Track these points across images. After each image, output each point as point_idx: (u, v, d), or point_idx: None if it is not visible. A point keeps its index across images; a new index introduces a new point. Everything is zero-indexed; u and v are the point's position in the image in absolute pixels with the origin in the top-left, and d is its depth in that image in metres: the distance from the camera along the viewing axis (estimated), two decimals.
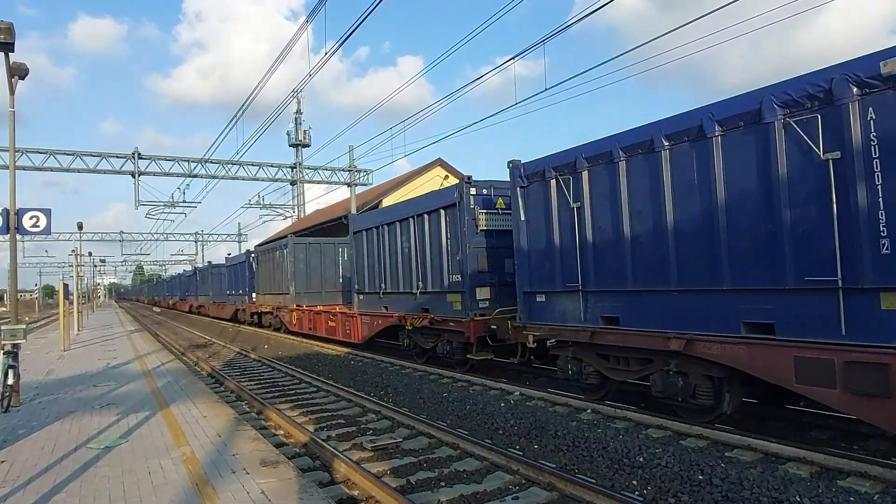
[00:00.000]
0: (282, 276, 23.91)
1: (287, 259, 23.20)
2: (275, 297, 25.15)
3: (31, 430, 7.61)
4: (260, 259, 27.68)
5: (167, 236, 62.43)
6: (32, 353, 17.54)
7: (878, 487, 5.52)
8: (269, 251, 26.37)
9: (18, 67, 9.56)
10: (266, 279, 26.48)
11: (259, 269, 27.65)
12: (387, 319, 15.45)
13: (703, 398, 7.64)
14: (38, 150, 27.84)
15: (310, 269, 23.40)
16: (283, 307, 23.61)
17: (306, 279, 23.31)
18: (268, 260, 26.20)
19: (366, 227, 16.99)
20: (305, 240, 24.43)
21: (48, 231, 10.34)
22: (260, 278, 27.45)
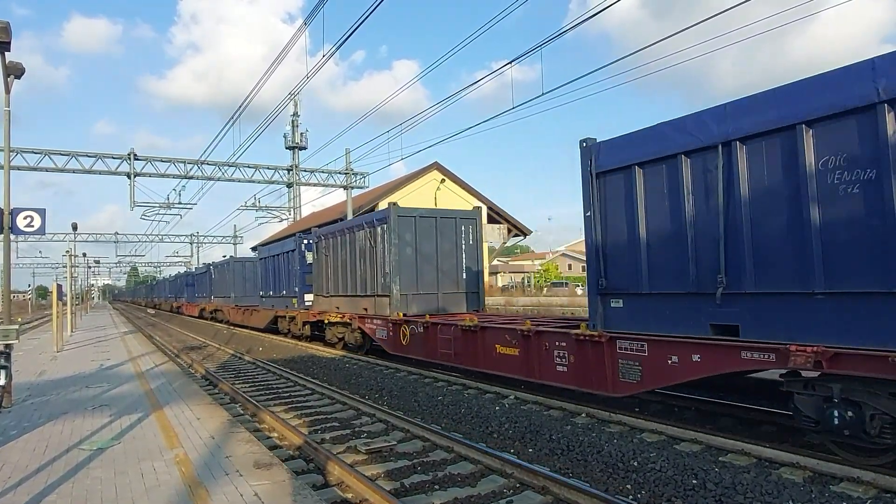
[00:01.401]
0: (373, 269, 16.25)
1: (384, 241, 15.35)
2: (355, 300, 17.47)
3: (22, 432, 7.56)
4: (327, 243, 19.38)
5: (162, 238, 62.35)
6: (25, 354, 17.44)
7: (870, 493, 5.54)
8: (345, 231, 18.21)
9: (14, 67, 9.54)
10: (338, 273, 18.73)
11: (324, 259, 19.85)
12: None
13: None
14: (32, 150, 27.76)
15: (421, 257, 15.59)
16: (377, 317, 15.82)
17: (415, 273, 15.53)
18: (342, 244, 18.26)
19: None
20: (414, 210, 16.08)
21: (42, 231, 10.30)
22: (325, 272, 19.69)
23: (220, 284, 36.83)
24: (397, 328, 14.58)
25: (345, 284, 17.99)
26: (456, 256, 16.12)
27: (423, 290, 15.56)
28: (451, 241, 16.11)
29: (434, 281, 15.67)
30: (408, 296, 15.24)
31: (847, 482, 5.78)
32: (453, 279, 16.06)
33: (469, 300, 16.14)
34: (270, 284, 25.87)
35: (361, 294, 16.88)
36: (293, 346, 20.52)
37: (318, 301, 20.22)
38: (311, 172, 33.89)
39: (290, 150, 64.64)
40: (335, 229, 18.95)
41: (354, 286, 17.31)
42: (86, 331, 28.80)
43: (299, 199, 46.98)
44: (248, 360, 17.66)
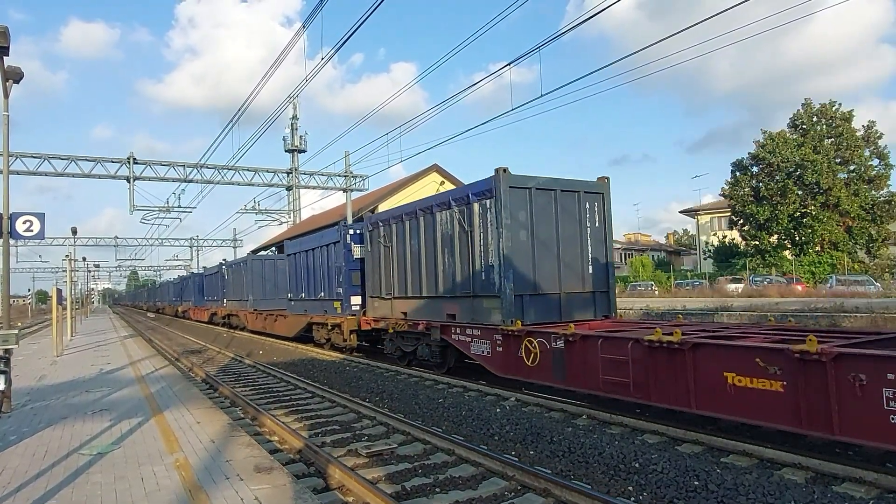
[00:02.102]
0: (467, 262, 12.35)
1: (488, 223, 11.60)
2: (434, 303, 13.54)
3: (22, 437, 7.54)
4: (387, 231, 15.54)
5: (162, 242, 62.34)
6: (25, 359, 17.42)
7: (873, 493, 5.52)
8: (418, 213, 14.10)
9: (13, 71, 9.53)
10: (405, 269, 14.70)
11: (381, 252, 15.78)
12: None
13: None
14: (32, 154, 27.78)
15: (539, 244, 11.74)
16: (474, 325, 12.02)
17: (532, 267, 11.67)
18: (413, 231, 14.32)
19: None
20: (529, 179, 11.67)
21: (42, 235, 10.28)
22: (385, 268, 15.73)
23: (235, 286, 31.84)
24: (514, 342, 10.72)
25: (416, 283, 14.02)
26: (580, 243, 12.12)
27: (542, 288, 11.52)
28: (573, 222, 12.07)
29: (554, 277, 11.64)
30: (523, 297, 11.21)
31: (849, 482, 5.77)
32: (577, 274, 12.10)
33: (598, 303, 12.28)
34: (302, 285, 21.57)
35: (446, 295, 12.86)
36: (293, 350, 20.49)
37: (373, 305, 16.34)
38: (310, 175, 33.91)
39: (290, 153, 64.71)
40: (400, 212, 14.87)
41: (434, 285, 13.34)
42: (86, 335, 28.77)
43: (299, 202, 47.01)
44: (248, 364, 17.63)
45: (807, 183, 40.41)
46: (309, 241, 21.83)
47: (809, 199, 41.27)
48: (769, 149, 42.05)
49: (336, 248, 18.33)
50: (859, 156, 41.25)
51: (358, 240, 17.60)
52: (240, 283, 30.90)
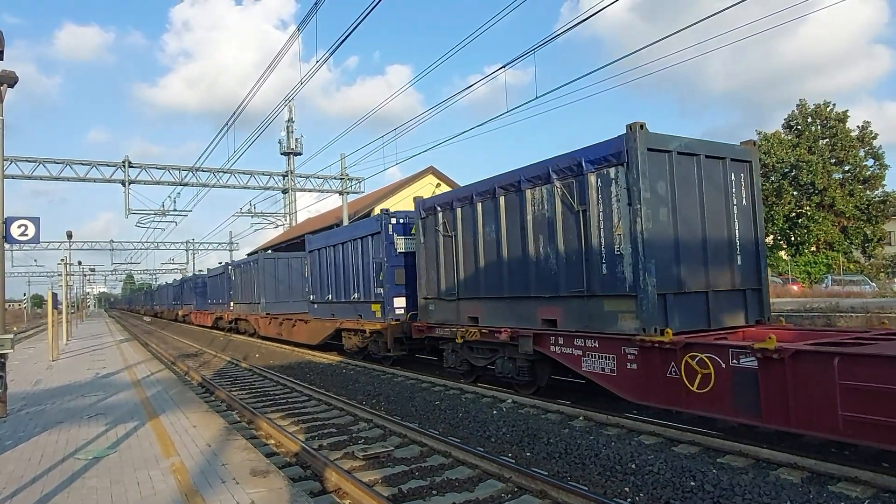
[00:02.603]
0: (576, 250, 9.59)
1: (613, 198, 8.93)
2: (521, 305, 10.81)
3: (17, 442, 7.51)
4: (449, 217, 12.75)
5: (157, 245, 62.28)
6: (20, 364, 17.36)
7: (868, 492, 5.54)
8: (495, 192, 11.32)
9: (7, 76, 9.50)
10: (475, 263, 11.96)
11: (439, 242, 13.12)
12: None
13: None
14: (26, 158, 27.75)
15: (682, 224, 9.03)
16: (589, 334, 9.35)
17: (675, 255, 8.91)
18: (488, 215, 11.57)
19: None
20: (670, 140, 8.95)
21: (37, 240, 10.25)
22: (445, 262, 12.93)
23: (244, 287, 28.94)
24: (659, 358, 8.02)
25: (494, 280, 11.28)
26: (726, 225, 9.34)
27: (688, 285, 8.74)
28: (719, 197, 9.32)
29: (700, 269, 8.90)
30: (667, 297, 8.49)
31: (845, 482, 5.78)
32: (725, 265, 9.30)
33: (749, 304, 9.45)
34: (329, 285, 18.71)
35: (542, 295, 10.09)
36: (289, 353, 20.45)
37: (427, 308, 13.55)
38: (306, 178, 33.91)
39: (286, 155, 64.63)
40: (468, 192, 12.02)
41: (522, 282, 10.55)
42: (81, 339, 28.70)
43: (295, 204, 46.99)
44: (244, 367, 17.60)
45: (802, 183, 40.58)
46: (337, 234, 19.17)
47: (805, 200, 41.44)
48: (764, 149, 42.20)
49: (374, 241, 15.74)
50: (854, 156, 41.47)
51: (402, 230, 15.12)
52: (249, 285, 27.99)
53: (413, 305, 14.54)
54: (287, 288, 26.00)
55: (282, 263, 26.77)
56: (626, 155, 8.53)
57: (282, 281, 26.33)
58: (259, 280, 26.44)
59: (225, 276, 33.21)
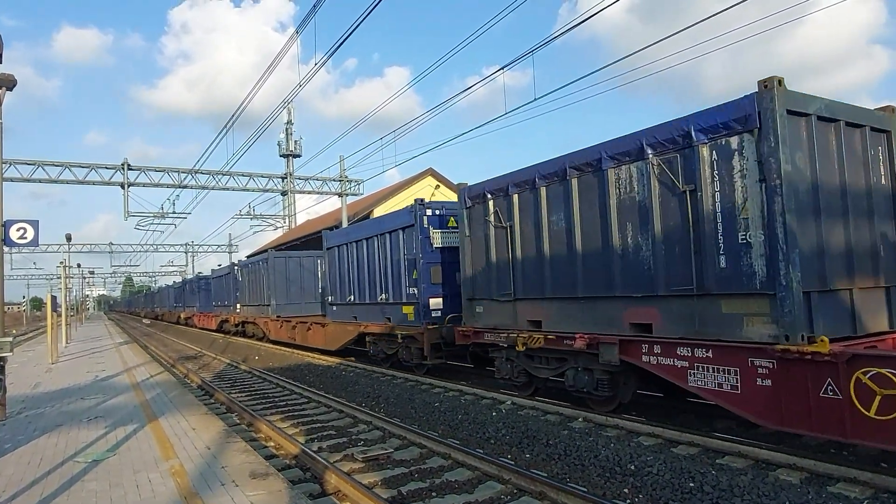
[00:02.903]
0: (694, 238, 7.75)
1: (753, 169, 7.05)
2: (606, 307, 9.12)
3: (17, 445, 7.51)
4: (505, 204, 11.01)
5: (157, 248, 62.23)
6: (19, 367, 17.35)
7: (867, 493, 5.55)
8: (572, 170, 9.54)
9: (6, 79, 9.51)
10: (550, 257, 10.15)
11: (490, 234, 11.41)
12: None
13: None
14: (25, 161, 27.70)
15: (825, 205, 7.27)
16: (715, 343, 7.38)
17: (817, 240, 7.18)
18: (568, 197, 9.64)
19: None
20: (810, 101, 7.22)
21: (36, 243, 10.25)
22: (507, 257, 10.93)
23: (252, 288, 27.22)
24: (812, 374, 6.36)
25: (565, 277, 9.56)
26: (866, 207, 7.76)
27: (832, 281, 7.15)
28: (859, 171, 7.76)
29: (843, 261, 7.36)
30: (811, 296, 6.87)
31: (844, 482, 5.79)
32: (867, 256, 7.64)
33: (893, 303, 7.76)
34: (351, 285, 17.12)
35: (632, 294, 8.44)
36: (289, 355, 20.44)
37: (474, 310, 11.74)
38: (305, 180, 33.91)
39: (285, 157, 64.62)
40: (529, 175, 10.20)
41: (603, 279, 8.87)
42: (81, 342, 28.69)
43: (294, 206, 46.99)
44: (244, 370, 17.59)
45: None
46: (361, 229, 17.38)
47: None
48: None
49: (407, 236, 14.19)
50: None
51: (438, 223, 13.71)
52: (258, 285, 26.20)
53: (452, 307, 13.06)
54: (299, 289, 24.54)
55: (293, 263, 25.11)
56: (757, 119, 6.89)
57: (293, 281, 24.65)
58: (269, 280, 24.68)
59: (231, 276, 31.47)
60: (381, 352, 15.68)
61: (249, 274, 28.03)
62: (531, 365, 10.43)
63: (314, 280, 24.61)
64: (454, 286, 13.03)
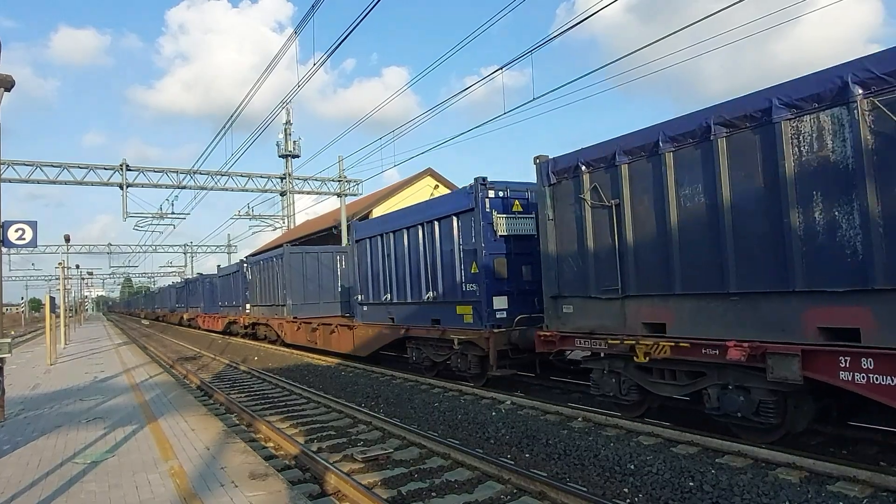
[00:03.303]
0: None
1: None
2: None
3: (15, 446, 7.50)
4: (688, 154, 7.79)
5: (156, 248, 62.21)
6: (18, 368, 17.33)
7: (867, 492, 5.54)
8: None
9: (5, 79, 9.48)
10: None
11: (641, 202, 8.43)
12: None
13: None
14: (24, 162, 27.70)
15: None
16: None
17: None
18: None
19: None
20: None
21: (34, 244, 10.21)
22: (663, 237, 8.11)
23: (265, 287, 25.11)
24: None
25: (701, 267, 7.57)
26: None
27: None
28: None
29: None
30: None
31: (843, 481, 5.79)
32: None
33: None
34: (387, 282, 15.05)
35: (821, 288, 6.41)
36: (289, 355, 20.44)
37: (560, 310, 9.60)
38: (304, 180, 33.92)
39: (284, 158, 64.58)
40: (647, 138, 8.15)
41: (779, 269, 6.75)
42: (79, 343, 28.66)
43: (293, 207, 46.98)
44: (243, 370, 17.58)
45: None
46: (400, 216, 15.04)
47: None
48: None
49: (463, 222, 12.07)
50: None
51: (502, 207, 11.59)
52: (272, 284, 24.18)
53: (518, 307, 11.40)
54: (317, 287, 22.55)
55: (310, 259, 23.05)
56: None
57: (311, 279, 22.56)
58: (285, 278, 22.51)
59: (239, 274, 29.17)
60: (427, 359, 13.54)
61: (261, 271, 25.71)
62: (647, 380, 8.31)
63: (333, 278, 22.86)
64: (520, 282, 11.55)
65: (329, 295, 22.57)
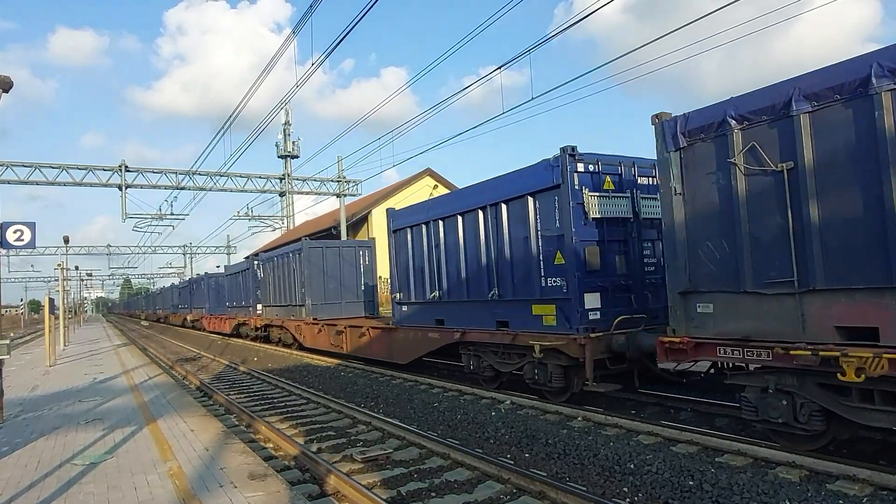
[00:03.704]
0: None
1: None
2: None
3: (14, 448, 7.48)
4: None
5: (155, 249, 62.18)
6: (17, 369, 17.32)
7: (867, 490, 5.54)
8: None
9: (2, 81, 9.49)
10: None
11: None
12: None
13: None
14: (23, 163, 27.71)
15: None
16: None
17: None
18: None
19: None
20: None
21: (33, 245, 10.24)
22: None
23: (279, 285, 22.92)
24: None
25: None
26: None
27: None
28: None
29: None
30: None
31: (843, 480, 5.78)
32: None
33: None
34: (435, 277, 13.01)
35: None
36: (288, 356, 20.42)
37: (693, 309, 7.51)
38: (303, 181, 33.91)
39: (283, 158, 64.57)
40: (876, 65, 5.78)
41: None
42: (79, 344, 28.64)
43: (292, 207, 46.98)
44: (243, 371, 17.57)
45: None
46: (453, 199, 13.33)
47: None
48: None
49: (544, 203, 10.05)
50: None
51: (592, 183, 9.66)
52: (287, 282, 21.98)
53: (614, 305, 9.59)
54: (338, 285, 20.45)
55: (331, 253, 20.75)
56: None
57: (332, 276, 20.39)
58: (303, 275, 20.29)
59: (250, 272, 26.72)
60: (489, 368, 11.51)
61: (275, 269, 23.34)
62: (841, 403, 6.29)
63: (356, 275, 20.92)
64: (614, 275, 9.74)
65: (351, 294, 20.61)
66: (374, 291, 21.48)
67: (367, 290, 21.03)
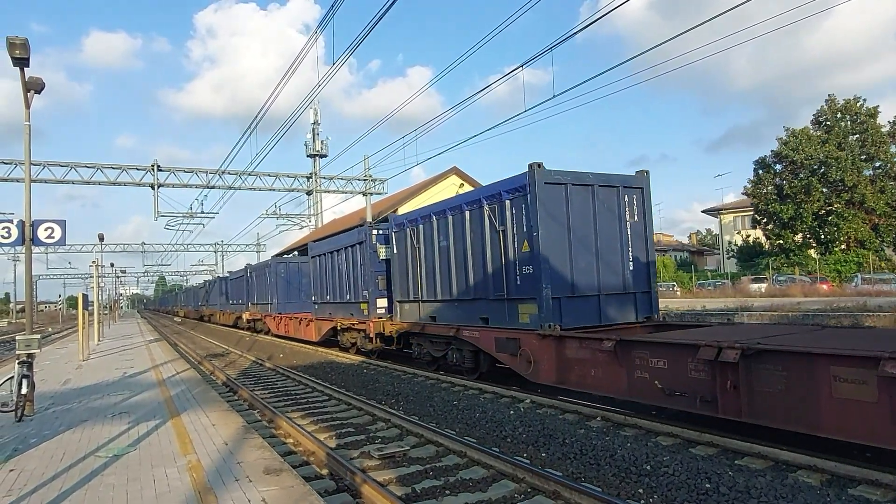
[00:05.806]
0: None
1: None
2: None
3: (42, 440, 7.70)
4: None
5: (187, 247, 63.36)
6: (51, 364, 17.79)
7: (889, 496, 5.40)
8: None
9: (34, 82, 9.77)
10: None
11: None
12: None
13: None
14: (59, 163, 28.46)
15: None
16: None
17: None
18: None
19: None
20: None
21: (63, 242, 10.49)
22: None
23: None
24: None
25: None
26: None
27: None
28: None
29: None
30: None
31: (865, 485, 5.65)
32: None
33: None
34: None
35: None
36: (313, 353, 20.63)
37: None
38: (329, 179, 34.18)
39: (311, 157, 65.19)
40: None
41: None
42: (112, 339, 29.31)
43: (320, 205, 47.39)
44: (268, 367, 17.81)
45: (831, 180, 39.61)
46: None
47: (834, 197, 40.45)
48: (792, 146, 41.30)
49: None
50: (885, 152, 40.35)
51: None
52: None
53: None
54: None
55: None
56: None
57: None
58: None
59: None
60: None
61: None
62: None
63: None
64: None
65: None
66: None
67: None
